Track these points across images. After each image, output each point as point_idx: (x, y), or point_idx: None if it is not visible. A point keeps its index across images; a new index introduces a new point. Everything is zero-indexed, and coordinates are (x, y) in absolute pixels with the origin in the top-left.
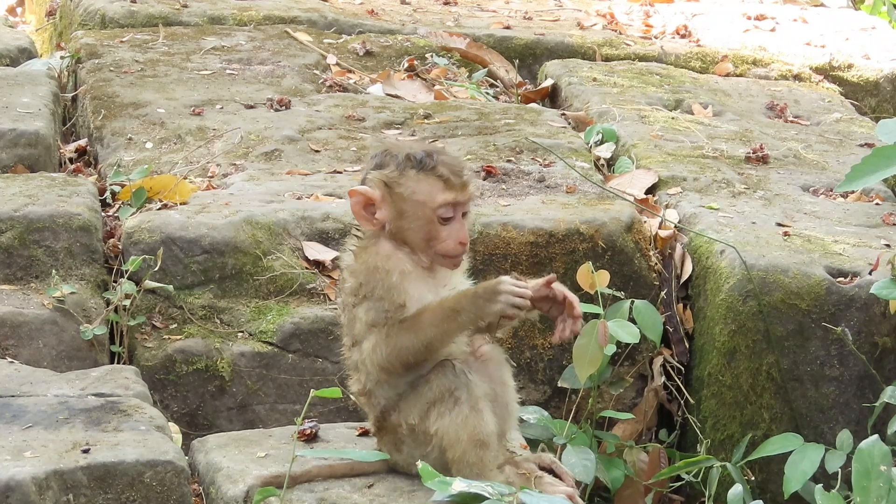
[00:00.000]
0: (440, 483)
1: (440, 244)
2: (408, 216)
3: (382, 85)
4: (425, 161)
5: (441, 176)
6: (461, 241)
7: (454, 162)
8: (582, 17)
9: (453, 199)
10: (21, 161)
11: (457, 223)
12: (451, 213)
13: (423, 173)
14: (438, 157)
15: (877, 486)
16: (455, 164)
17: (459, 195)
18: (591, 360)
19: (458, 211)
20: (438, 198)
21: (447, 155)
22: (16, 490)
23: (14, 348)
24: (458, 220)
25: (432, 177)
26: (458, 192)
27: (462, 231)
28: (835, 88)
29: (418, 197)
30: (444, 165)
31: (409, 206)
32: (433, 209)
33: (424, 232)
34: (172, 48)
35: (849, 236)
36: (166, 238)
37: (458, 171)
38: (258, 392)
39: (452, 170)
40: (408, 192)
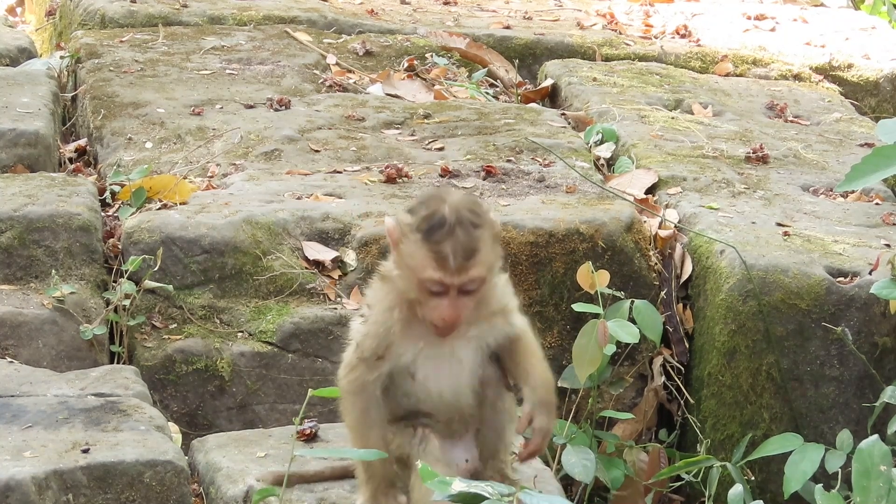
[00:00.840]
0: (440, 483)
1: (426, 310)
2: (404, 273)
3: (382, 85)
4: (431, 233)
5: (437, 253)
6: (443, 318)
7: (463, 243)
8: (582, 17)
9: (439, 279)
10: (21, 161)
11: (445, 300)
12: (440, 289)
13: (423, 242)
14: (450, 233)
15: (877, 486)
16: (462, 245)
17: (448, 278)
18: (591, 360)
19: (451, 290)
20: (426, 272)
21: (469, 231)
22: (16, 490)
23: (14, 348)
24: (451, 297)
25: (429, 249)
26: (447, 275)
27: (448, 310)
28: (835, 88)
29: (410, 262)
30: (449, 243)
31: (405, 265)
32: (420, 280)
33: (415, 294)
34: (172, 48)
35: (849, 236)
36: (166, 238)
37: (459, 254)
38: (258, 392)
39: (455, 250)
40: (406, 252)
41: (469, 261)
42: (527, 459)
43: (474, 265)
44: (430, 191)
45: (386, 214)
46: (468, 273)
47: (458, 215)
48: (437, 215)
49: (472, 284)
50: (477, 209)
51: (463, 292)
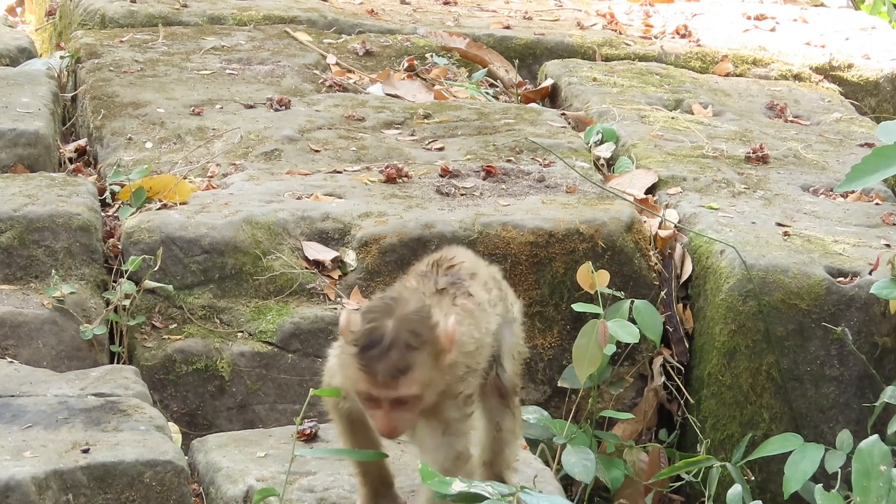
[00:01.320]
0: (440, 483)
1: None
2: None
3: (382, 85)
4: (365, 351)
5: (367, 368)
6: (378, 428)
7: (393, 362)
8: (582, 16)
9: (367, 392)
10: (21, 161)
11: (380, 412)
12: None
13: (357, 358)
14: (384, 354)
15: (877, 486)
16: (392, 364)
17: (376, 391)
18: (591, 360)
19: (382, 403)
20: (358, 385)
21: (404, 352)
22: (15, 490)
23: (14, 348)
24: (384, 410)
25: (360, 364)
26: (377, 389)
27: (382, 421)
28: (835, 88)
29: (347, 372)
30: (382, 362)
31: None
32: (353, 389)
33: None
34: (172, 48)
35: (849, 236)
36: (166, 238)
37: (388, 373)
38: (258, 392)
39: (386, 370)
40: (344, 362)
41: (397, 379)
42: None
43: (404, 383)
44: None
45: (385, 216)
46: (397, 390)
47: (396, 335)
48: (374, 334)
49: (404, 399)
50: (420, 328)
51: (397, 405)
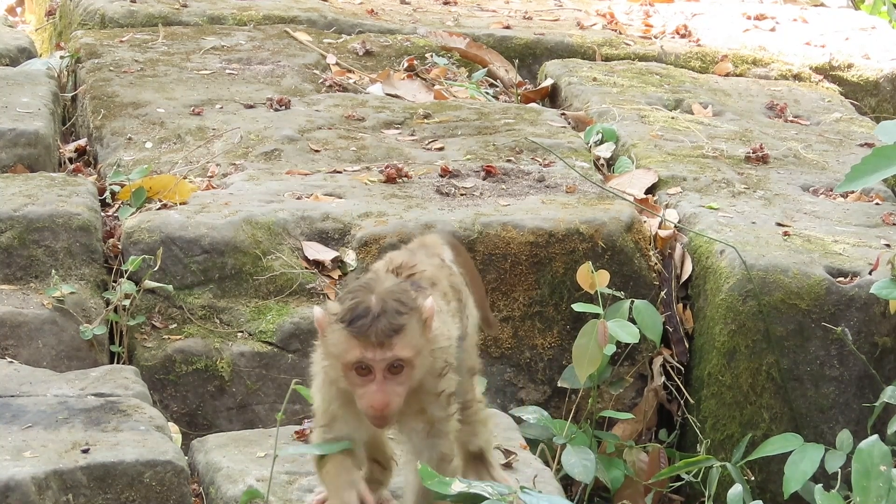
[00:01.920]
0: (439, 483)
1: (358, 401)
2: (331, 361)
3: (382, 85)
4: (354, 322)
5: (359, 332)
6: (371, 405)
7: (385, 324)
8: (582, 16)
9: (360, 356)
10: (21, 161)
11: (373, 384)
12: (365, 369)
13: (346, 329)
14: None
15: (876, 487)
16: (384, 326)
17: (369, 352)
18: (591, 360)
19: (376, 370)
20: (349, 354)
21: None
22: (15, 490)
23: (14, 348)
24: (378, 381)
25: (351, 334)
26: (368, 350)
27: (377, 395)
28: (835, 88)
29: (335, 350)
30: (371, 327)
31: (331, 354)
32: (344, 365)
33: (343, 384)
34: (172, 48)
35: (849, 236)
36: (166, 238)
37: (382, 333)
38: (258, 392)
39: (378, 332)
40: (331, 342)
41: (391, 339)
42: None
43: (397, 343)
44: (361, 280)
45: (385, 216)
46: (391, 350)
47: (382, 305)
48: (360, 306)
49: (397, 363)
50: (404, 298)
51: (390, 374)
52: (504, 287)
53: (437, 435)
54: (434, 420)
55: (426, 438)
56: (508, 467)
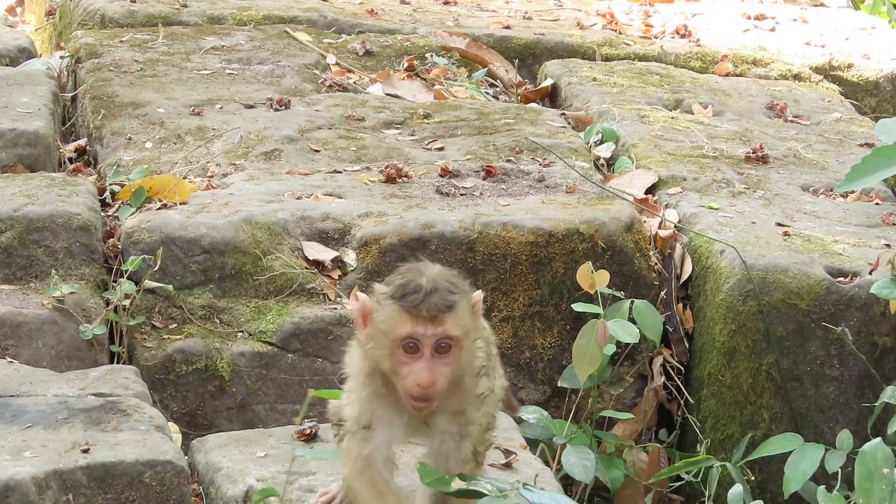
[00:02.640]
0: (439, 481)
1: (402, 381)
2: (376, 342)
3: (382, 85)
4: (406, 296)
5: (410, 307)
6: (418, 382)
7: (436, 300)
8: (582, 16)
9: (411, 331)
10: (21, 161)
11: (421, 361)
12: (415, 346)
13: (397, 304)
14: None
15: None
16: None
17: (421, 328)
18: (591, 360)
19: (425, 346)
20: (398, 329)
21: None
22: (15, 490)
23: (14, 348)
24: (425, 358)
25: (403, 308)
26: (420, 325)
27: (423, 372)
28: (835, 88)
29: (383, 326)
30: (424, 302)
31: (378, 333)
32: (392, 341)
33: (389, 364)
34: (172, 48)
35: (849, 236)
36: (166, 238)
37: (433, 308)
38: (258, 392)
39: (430, 306)
40: (380, 320)
41: (443, 314)
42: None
43: (448, 319)
44: (406, 266)
45: (385, 216)
46: (443, 325)
47: (434, 283)
48: (412, 283)
49: (446, 341)
50: (455, 280)
51: (438, 352)
52: (504, 287)
53: (467, 436)
54: (469, 422)
55: (459, 440)
56: (508, 467)
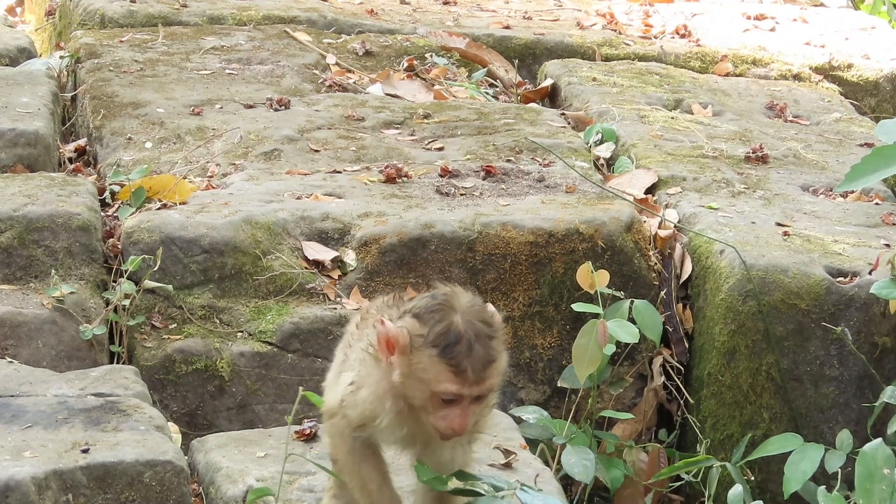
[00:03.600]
0: (437, 480)
1: (434, 419)
2: (412, 382)
3: (382, 85)
4: (449, 349)
5: (456, 367)
6: (453, 428)
7: (483, 356)
8: (582, 16)
9: (457, 392)
10: (20, 161)
11: (458, 409)
12: (455, 398)
13: (440, 358)
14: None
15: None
16: (484, 357)
17: (467, 389)
18: (591, 360)
19: (465, 400)
20: (442, 385)
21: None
22: (15, 490)
23: (14, 348)
24: (463, 407)
25: (446, 364)
26: (466, 386)
27: (461, 419)
28: (834, 88)
29: (424, 375)
30: (469, 358)
31: (416, 377)
32: (434, 392)
33: (422, 402)
34: (172, 48)
35: (848, 236)
36: (166, 238)
37: (481, 368)
38: (258, 392)
39: (475, 365)
40: (418, 366)
41: (486, 371)
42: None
43: (490, 375)
44: (437, 297)
45: (385, 216)
46: (485, 384)
47: (474, 329)
48: (452, 330)
49: (486, 393)
50: (489, 318)
51: (475, 400)
52: (504, 287)
53: (473, 441)
54: (478, 429)
55: (467, 444)
56: (508, 467)
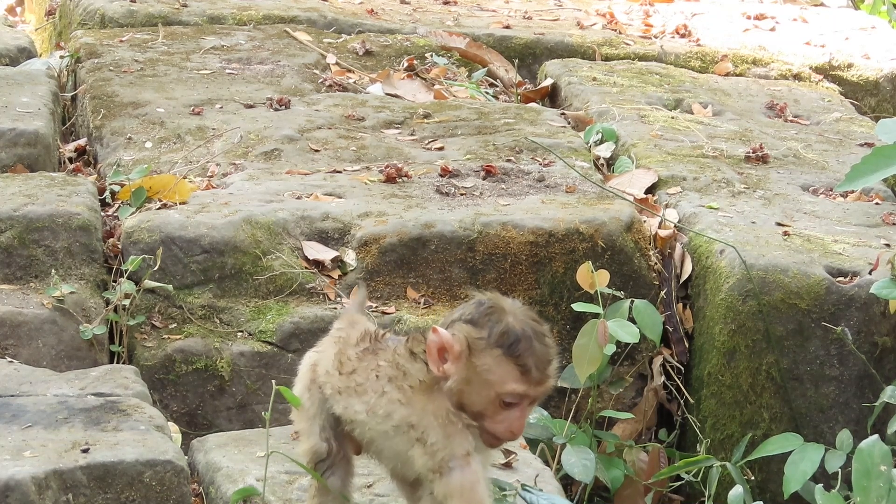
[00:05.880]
0: None
1: (492, 424)
2: (473, 387)
3: (382, 84)
4: (514, 347)
5: (522, 366)
6: (513, 430)
7: (544, 353)
8: (582, 16)
9: (524, 392)
10: (20, 160)
11: (518, 412)
12: (518, 400)
13: (506, 357)
14: (532, 345)
15: (877, 486)
16: (545, 355)
17: (532, 389)
18: (591, 360)
19: (526, 401)
20: (509, 386)
21: (543, 342)
22: (15, 490)
23: (13, 348)
24: (522, 408)
25: (513, 364)
26: (532, 386)
27: (519, 422)
28: (834, 88)
29: (490, 377)
30: (533, 356)
31: (479, 380)
32: (499, 394)
33: (482, 407)
34: (172, 48)
35: (849, 236)
36: (166, 238)
37: (543, 366)
38: (258, 392)
39: (538, 363)
40: (483, 367)
41: (548, 370)
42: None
43: (551, 374)
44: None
45: (385, 215)
46: (546, 383)
47: (531, 328)
48: (512, 330)
49: (545, 394)
50: (538, 319)
51: (531, 403)
52: (504, 287)
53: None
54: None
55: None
56: (508, 467)
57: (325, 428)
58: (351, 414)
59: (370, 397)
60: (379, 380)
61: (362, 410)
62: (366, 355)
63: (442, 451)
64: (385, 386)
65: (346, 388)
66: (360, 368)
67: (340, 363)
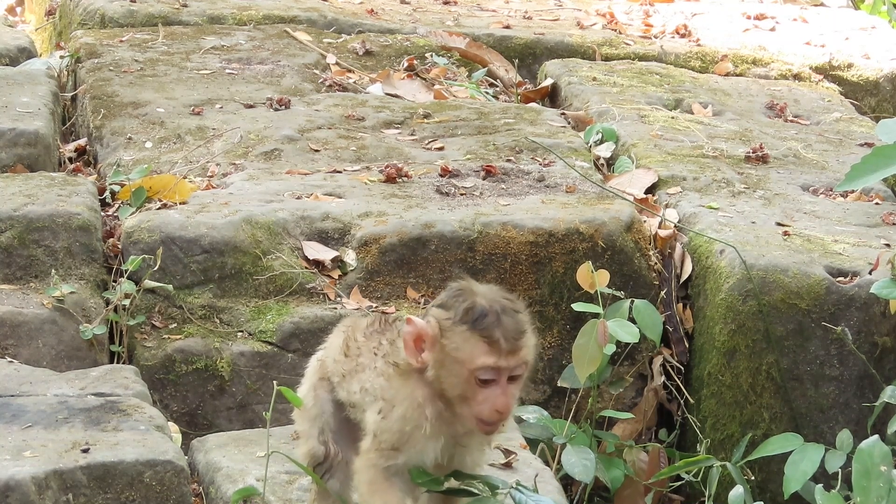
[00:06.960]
0: (432, 482)
1: (476, 406)
2: (447, 369)
3: (382, 84)
4: (479, 320)
5: (489, 337)
6: (497, 409)
7: (513, 325)
8: (582, 16)
9: (494, 364)
10: (20, 160)
11: (498, 388)
12: (493, 376)
13: (472, 331)
14: (499, 318)
15: (877, 487)
16: (513, 327)
17: (503, 360)
18: (591, 360)
19: (503, 376)
20: (479, 360)
21: (513, 315)
22: (15, 490)
23: (14, 348)
24: (502, 385)
25: (479, 337)
26: (502, 357)
27: (502, 398)
28: (834, 88)
29: (459, 355)
30: (499, 328)
31: (450, 360)
32: (471, 370)
33: (461, 390)
34: (172, 48)
35: (849, 236)
36: (166, 238)
37: (513, 337)
38: (258, 392)
39: (506, 333)
40: (451, 347)
41: (519, 341)
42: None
43: (523, 346)
44: (454, 286)
45: (385, 215)
46: (519, 354)
47: (499, 304)
48: (478, 305)
49: (520, 369)
50: (511, 297)
51: (511, 379)
52: (504, 287)
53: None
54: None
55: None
56: (508, 467)
57: (325, 431)
58: (350, 396)
59: (367, 374)
60: (376, 357)
61: (358, 389)
62: (373, 335)
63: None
64: (377, 362)
65: (349, 371)
66: (365, 349)
67: (347, 347)
